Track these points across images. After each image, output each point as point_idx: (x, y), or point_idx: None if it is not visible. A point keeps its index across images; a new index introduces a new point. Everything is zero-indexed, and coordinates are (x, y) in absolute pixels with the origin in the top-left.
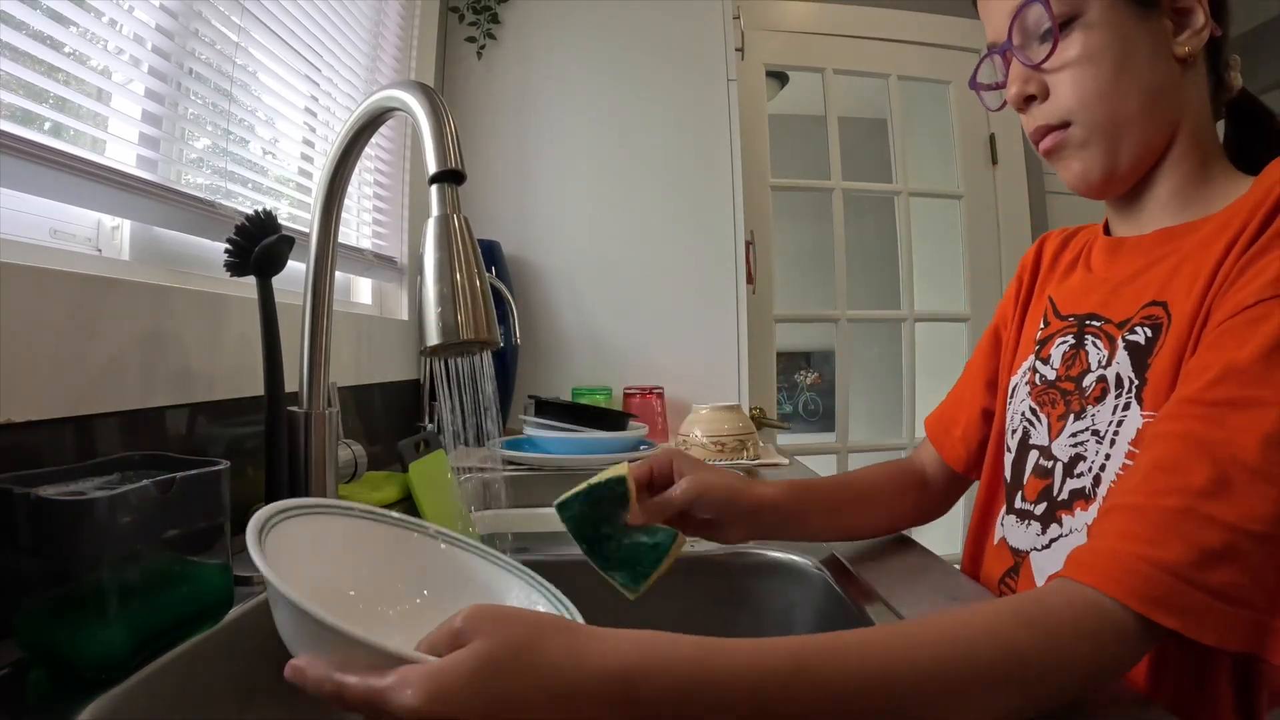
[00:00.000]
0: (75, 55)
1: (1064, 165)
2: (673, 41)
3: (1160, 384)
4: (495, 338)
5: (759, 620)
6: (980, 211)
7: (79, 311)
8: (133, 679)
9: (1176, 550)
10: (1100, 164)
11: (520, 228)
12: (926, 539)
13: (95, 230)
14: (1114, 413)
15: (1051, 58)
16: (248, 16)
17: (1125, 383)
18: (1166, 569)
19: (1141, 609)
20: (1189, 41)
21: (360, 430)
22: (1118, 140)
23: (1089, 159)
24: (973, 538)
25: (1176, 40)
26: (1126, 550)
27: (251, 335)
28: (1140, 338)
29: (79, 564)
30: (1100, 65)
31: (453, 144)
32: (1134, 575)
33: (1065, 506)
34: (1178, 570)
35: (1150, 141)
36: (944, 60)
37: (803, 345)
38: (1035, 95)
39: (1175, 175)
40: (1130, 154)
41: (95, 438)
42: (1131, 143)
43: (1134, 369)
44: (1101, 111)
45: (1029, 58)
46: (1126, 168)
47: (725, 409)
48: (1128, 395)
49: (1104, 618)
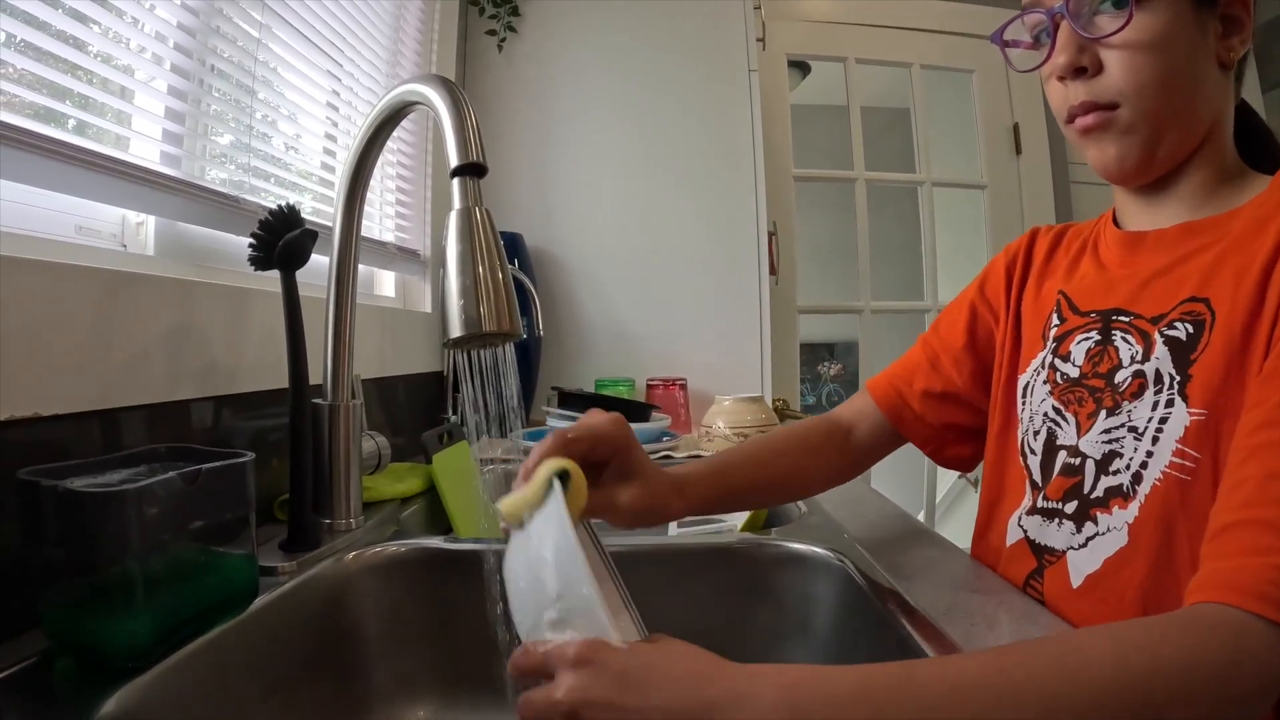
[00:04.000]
0: (99, 54)
1: (1100, 147)
2: (694, 32)
3: (1208, 381)
4: (517, 329)
5: (779, 611)
6: (1004, 202)
7: (105, 307)
8: (158, 668)
9: None
10: (1138, 152)
11: (542, 220)
12: (947, 530)
13: (120, 226)
14: (1154, 409)
15: (1118, 35)
16: (269, 13)
17: (1166, 379)
18: None
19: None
20: (1235, 48)
21: (384, 422)
22: (1161, 132)
23: (1129, 145)
24: (979, 538)
25: (1225, 44)
26: (1260, 563)
27: (276, 328)
28: (1181, 334)
29: (106, 555)
30: (1160, 54)
31: (474, 137)
32: (1274, 585)
33: (1100, 504)
34: None
35: (1187, 138)
36: (967, 49)
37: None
38: (1086, 68)
39: (1200, 173)
40: (1169, 147)
41: (122, 430)
42: (1173, 137)
43: (1175, 365)
44: (1152, 101)
45: (1089, 29)
46: (1162, 159)
47: (748, 400)
48: (1170, 391)
49: (1261, 638)
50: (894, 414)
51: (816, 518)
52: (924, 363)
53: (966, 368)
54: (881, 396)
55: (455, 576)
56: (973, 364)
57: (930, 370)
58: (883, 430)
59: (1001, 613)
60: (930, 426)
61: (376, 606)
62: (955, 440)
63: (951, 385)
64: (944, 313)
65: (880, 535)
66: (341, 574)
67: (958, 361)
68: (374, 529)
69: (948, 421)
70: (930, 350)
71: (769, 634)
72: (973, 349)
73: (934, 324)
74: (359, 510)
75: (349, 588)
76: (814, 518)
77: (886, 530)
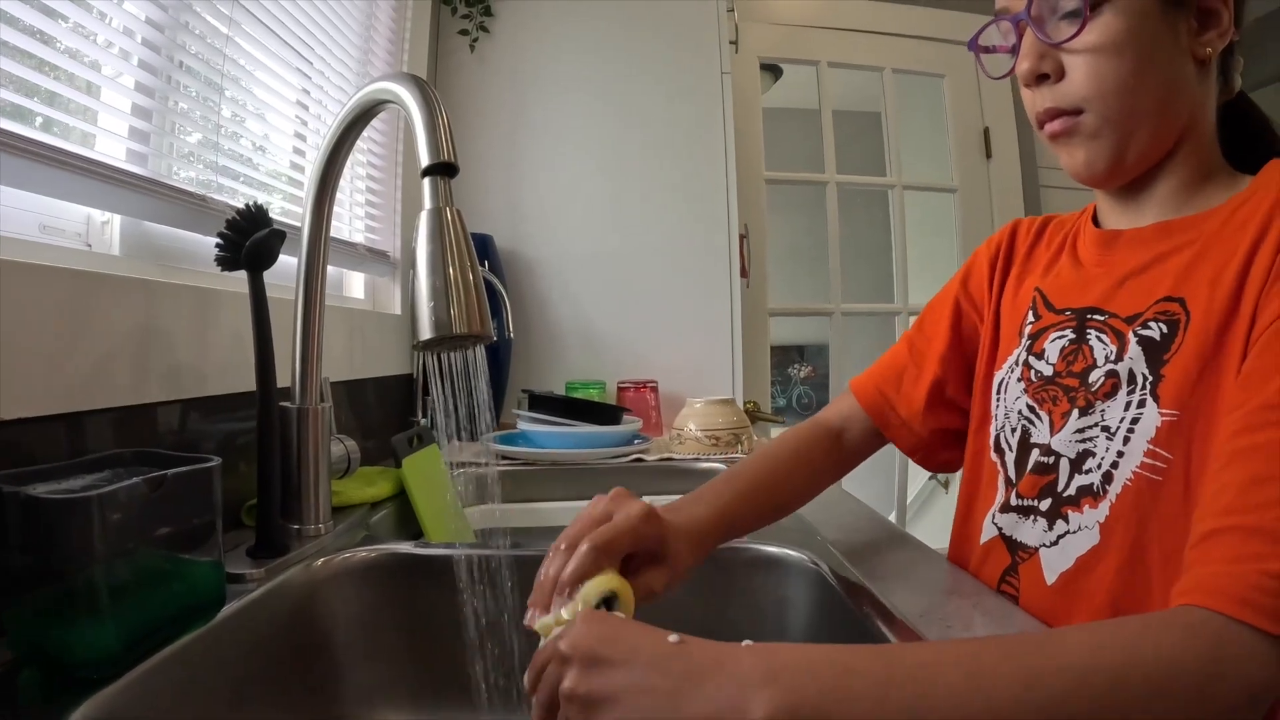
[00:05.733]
0: (66, 49)
1: (1069, 152)
2: (666, 35)
3: (1181, 381)
4: (488, 331)
5: (754, 614)
6: (975, 205)
7: (69, 307)
8: (125, 678)
9: None
10: (1107, 156)
11: (513, 221)
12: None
13: (85, 225)
14: (1127, 409)
15: (1076, 39)
16: (239, 9)
17: (1139, 379)
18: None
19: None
20: (1212, 43)
21: (353, 425)
22: (1129, 135)
23: (1097, 149)
24: (958, 536)
25: (1199, 40)
26: (1243, 570)
27: (243, 330)
28: (1155, 333)
29: (70, 562)
30: (1123, 56)
31: (445, 136)
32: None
33: (1072, 503)
34: None
35: (1160, 138)
36: (939, 54)
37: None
38: (1049, 74)
39: (1180, 171)
40: (1139, 149)
41: (87, 434)
42: (1142, 138)
43: (1148, 365)
44: (1117, 105)
45: (1049, 34)
46: (1132, 162)
47: (719, 403)
48: (1142, 392)
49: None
50: (880, 419)
51: (790, 520)
52: (910, 364)
53: (952, 366)
54: (868, 402)
55: (426, 582)
56: (958, 362)
57: (916, 372)
58: (870, 432)
59: (978, 615)
60: (917, 435)
61: (347, 613)
62: (944, 445)
63: (938, 388)
64: (927, 309)
65: (855, 538)
66: (311, 580)
67: (943, 360)
68: (343, 534)
69: (935, 427)
70: (916, 350)
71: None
72: (958, 347)
73: (918, 321)
74: (328, 515)
75: (318, 594)
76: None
77: (861, 533)
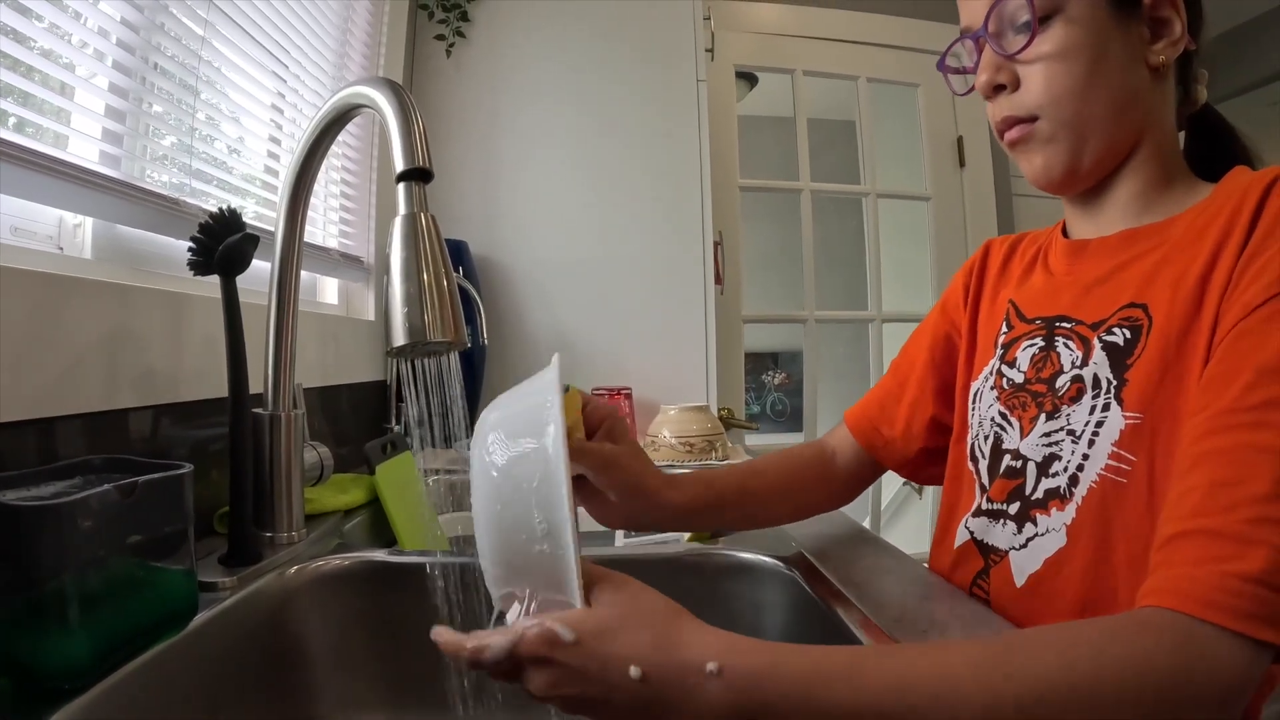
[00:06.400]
0: (39, 49)
1: (1027, 158)
2: (642, 42)
3: (1144, 385)
4: (463, 338)
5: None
6: (948, 213)
7: (40, 311)
8: (97, 688)
9: (1261, 559)
10: (1063, 160)
11: (488, 227)
12: (894, 537)
13: (57, 228)
14: (1091, 413)
15: (1026, 50)
16: (214, 11)
17: (1104, 383)
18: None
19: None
20: (1164, 51)
21: (326, 432)
22: (1083, 139)
23: (1052, 154)
24: (937, 544)
25: (1152, 49)
26: (1207, 571)
27: (216, 336)
28: (1119, 339)
29: (40, 571)
30: (1074, 63)
31: (420, 142)
32: (1223, 592)
33: (1040, 506)
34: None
35: (1114, 144)
36: (913, 63)
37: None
38: (1005, 85)
39: (1137, 179)
40: (1093, 154)
41: (57, 441)
42: (1096, 143)
43: (1112, 369)
44: (1070, 110)
45: (1003, 47)
46: (1088, 167)
47: (693, 409)
48: (1106, 396)
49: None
50: (865, 440)
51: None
52: (893, 387)
53: (930, 387)
54: (858, 430)
55: (400, 589)
56: (936, 383)
57: (899, 394)
58: (861, 458)
59: (953, 620)
60: (903, 453)
61: (321, 621)
62: (931, 461)
63: (920, 407)
64: (911, 336)
65: (829, 545)
66: (284, 589)
67: (922, 382)
68: (317, 542)
69: (920, 445)
70: (899, 374)
71: None
72: (937, 368)
73: (902, 348)
74: (301, 523)
75: (292, 603)
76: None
77: (835, 540)
